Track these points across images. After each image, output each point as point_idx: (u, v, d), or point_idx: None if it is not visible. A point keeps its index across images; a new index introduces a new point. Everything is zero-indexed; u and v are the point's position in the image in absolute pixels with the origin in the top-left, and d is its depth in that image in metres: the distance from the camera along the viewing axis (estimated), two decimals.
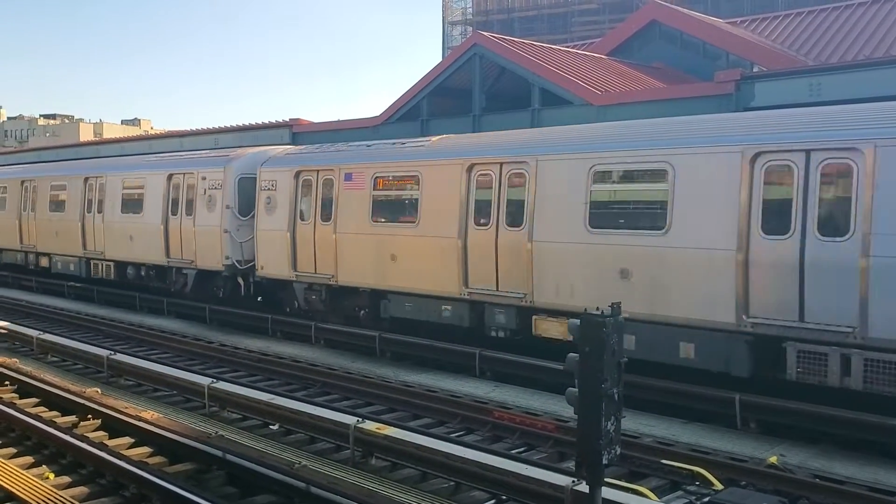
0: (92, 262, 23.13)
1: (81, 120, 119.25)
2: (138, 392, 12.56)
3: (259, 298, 19.06)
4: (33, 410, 11.05)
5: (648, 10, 27.23)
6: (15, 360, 13.97)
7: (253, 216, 18.19)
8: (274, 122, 27.76)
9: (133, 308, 21.31)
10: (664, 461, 8.99)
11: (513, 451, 9.65)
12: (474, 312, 13.97)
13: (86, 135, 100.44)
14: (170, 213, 20.13)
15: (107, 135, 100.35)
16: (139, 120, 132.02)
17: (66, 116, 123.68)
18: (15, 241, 26.74)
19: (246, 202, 18.52)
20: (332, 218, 16.30)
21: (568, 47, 28.71)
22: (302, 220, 17.07)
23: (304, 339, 16.66)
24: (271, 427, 10.51)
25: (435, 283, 14.30)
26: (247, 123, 28.74)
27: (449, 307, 14.17)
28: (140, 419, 10.00)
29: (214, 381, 11.64)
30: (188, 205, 19.64)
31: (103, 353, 13.85)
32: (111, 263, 22.31)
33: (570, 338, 6.61)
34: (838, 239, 9.89)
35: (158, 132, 56.87)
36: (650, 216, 11.78)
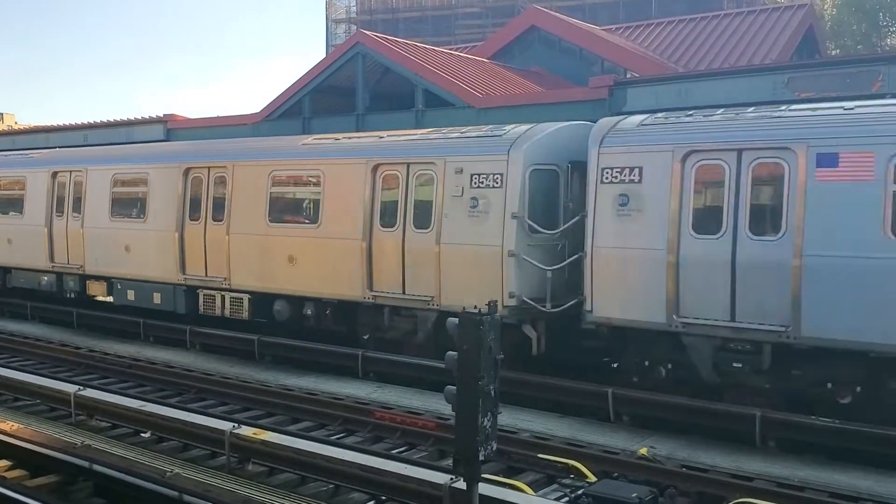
0: None
1: None
2: None
3: None
4: None
5: (528, 15, 27.85)
6: None
7: None
8: (149, 117, 26.75)
9: None
10: (540, 455, 9.21)
11: (393, 451, 9.66)
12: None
13: None
14: None
15: None
16: (2, 114, 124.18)
17: None
18: None
19: None
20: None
21: (452, 50, 29.00)
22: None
23: (178, 344, 16.13)
24: (143, 435, 10.13)
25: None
26: (119, 119, 27.61)
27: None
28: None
29: (81, 388, 11.11)
30: None
31: None
32: None
33: None
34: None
35: (23, 127, 53.74)
36: None
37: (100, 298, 18.20)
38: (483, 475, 7.00)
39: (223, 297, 15.48)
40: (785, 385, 10.19)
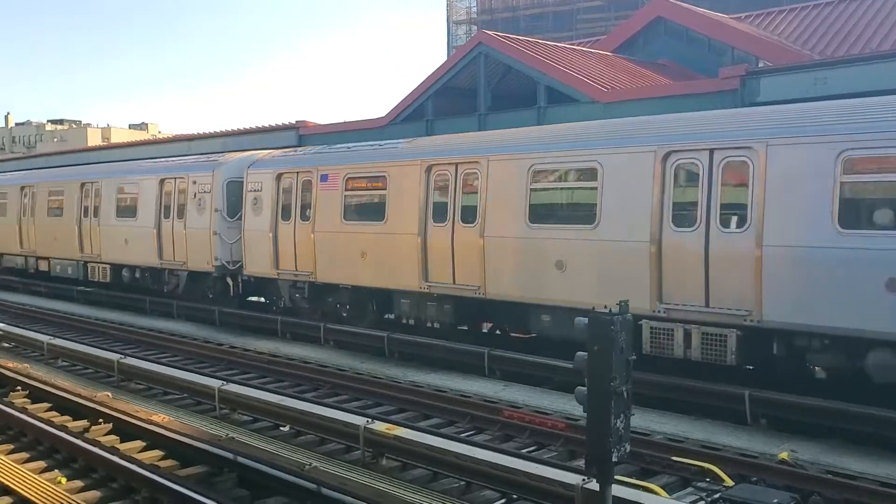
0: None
1: (89, 125, 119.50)
2: (149, 396, 12.62)
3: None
4: (45, 415, 11.10)
5: (654, 6, 27.16)
6: (26, 365, 14.05)
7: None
8: (281, 124, 27.80)
9: (143, 311, 21.40)
10: (675, 458, 8.97)
11: (523, 451, 9.65)
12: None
13: (93, 139, 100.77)
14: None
15: (114, 139, 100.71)
16: (146, 124, 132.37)
17: (74, 121, 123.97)
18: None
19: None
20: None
21: (573, 45, 28.66)
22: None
23: (313, 341, 16.70)
24: (282, 429, 10.55)
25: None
26: (254, 126, 28.83)
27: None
28: (151, 423, 10.04)
29: (225, 383, 11.68)
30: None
31: (113, 356, 13.91)
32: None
33: None
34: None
35: (166, 136, 57.03)
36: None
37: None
38: (615, 477, 6.89)
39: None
40: None
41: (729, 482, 8.22)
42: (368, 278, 15.81)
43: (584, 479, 7.16)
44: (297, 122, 27.10)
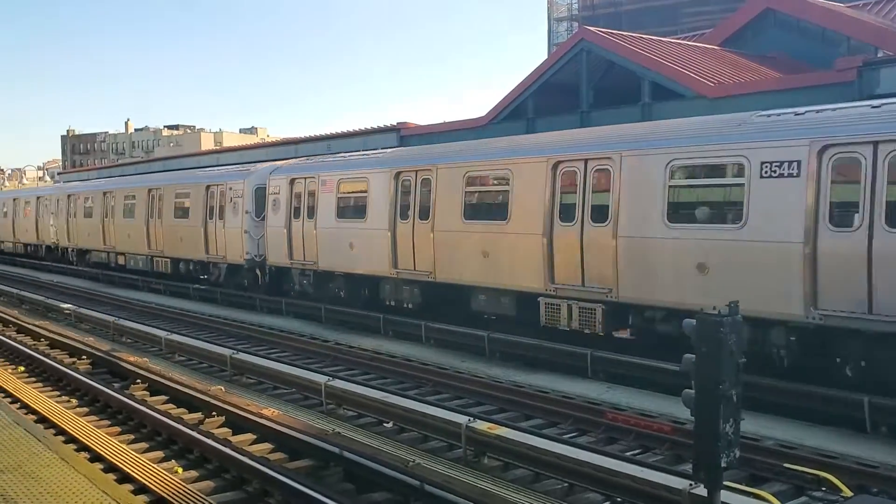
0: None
1: (202, 130, 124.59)
2: (259, 390, 13.04)
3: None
4: (163, 407, 11.65)
5: None
6: (145, 359, 14.76)
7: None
8: (382, 126, 28.27)
9: (253, 309, 22.15)
10: (787, 465, 8.63)
11: (627, 454, 9.49)
12: None
13: (206, 144, 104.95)
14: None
15: (226, 143, 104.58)
16: (255, 128, 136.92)
17: (188, 127, 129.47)
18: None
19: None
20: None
21: (678, 39, 27.95)
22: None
23: (414, 339, 16.90)
24: (385, 425, 10.71)
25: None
26: (357, 129, 29.40)
27: None
28: (261, 416, 10.37)
29: (331, 379, 11.95)
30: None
31: (226, 352, 14.44)
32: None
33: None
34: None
35: (274, 139, 58.78)
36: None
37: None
38: (724, 482, 6.69)
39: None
40: None
41: (847, 492, 7.86)
42: (360, 267, 18.88)
43: (691, 484, 6.99)
44: (398, 123, 27.49)
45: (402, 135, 26.67)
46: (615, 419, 10.61)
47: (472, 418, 9.52)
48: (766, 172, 11.06)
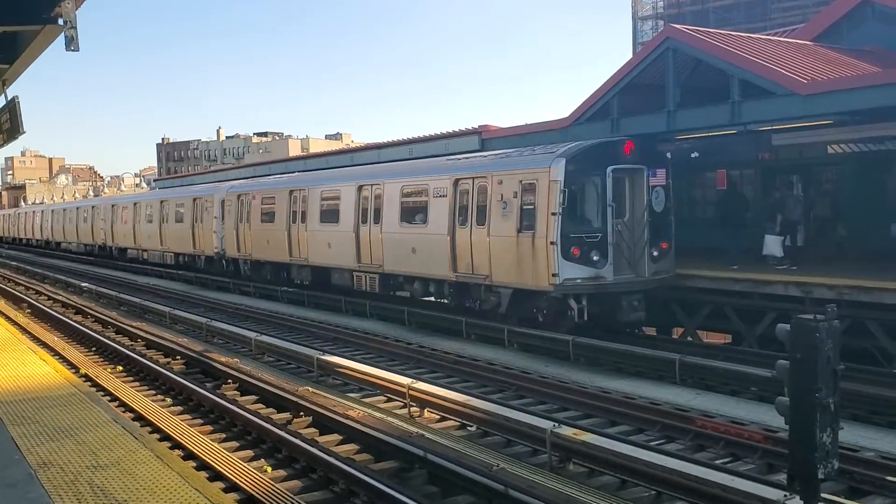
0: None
1: (290, 136, 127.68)
2: (345, 391, 13.22)
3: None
4: (252, 407, 11.93)
5: None
6: (236, 360, 15.16)
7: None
8: (464, 129, 28.26)
9: (339, 311, 22.51)
10: (890, 478, 8.23)
11: (717, 462, 9.22)
12: None
13: (294, 150, 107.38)
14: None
15: (312, 149, 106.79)
16: (341, 134, 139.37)
17: (277, 133, 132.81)
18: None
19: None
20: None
21: (768, 35, 27.08)
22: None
23: (496, 342, 16.85)
24: (468, 429, 10.70)
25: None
26: (438, 133, 29.50)
27: None
28: (347, 417, 10.51)
29: (414, 381, 12.02)
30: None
31: (313, 353, 14.71)
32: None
33: None
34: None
35: (358, 145, 59.73)
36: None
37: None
38: (822, 495, 6.41)
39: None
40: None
41: None
42: (269, 256, 27.31)
43: (785, 495, 6.74)
44: (479, 126, 27.41)
45: (484, 137, 26.57)
46: (704, 426, 10.33)
47: (557, 423, 9.43)
48: (435, 194, 19.03)
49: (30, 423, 7.39)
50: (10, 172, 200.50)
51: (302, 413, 11.35)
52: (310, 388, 12.59)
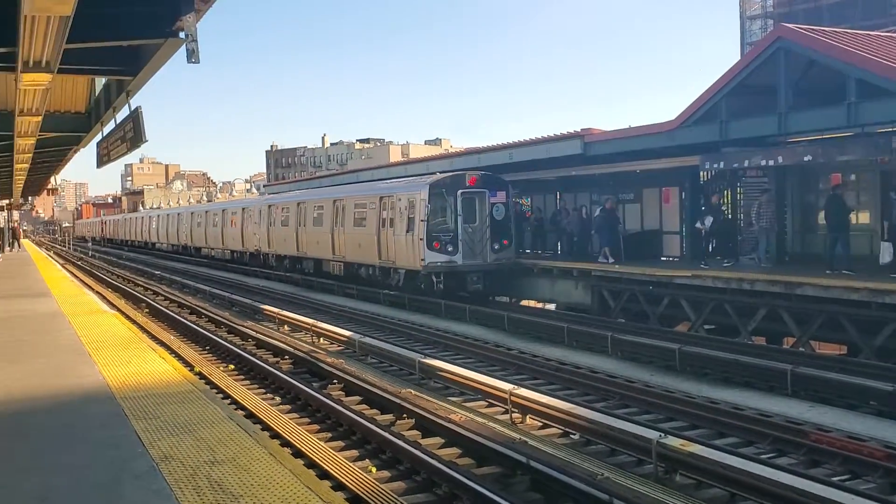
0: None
1: (391, 142, 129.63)
2: (446, 394, 13.29)
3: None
4: (357, 408, 12.14)
5: None
6: (341, 360, 15.47)
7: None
8: (566, 133, 27.98)
9: (438, 314, 22.68)
10: None
11: (833, 479, 8.80)
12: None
13: (395, 156, 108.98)
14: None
15: (412, 155, 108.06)
16: (440, 139, 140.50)
17: (378, 140, 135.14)
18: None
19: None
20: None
21: (888, 32, 25.73)
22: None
23: (599, 350, 16.62)
24: (571, 437, 10.57)
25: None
26: (538, 137, 29.27)
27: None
28: (450, 421, 10.56)
29: (516, 387, 11.97)
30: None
31: (415, 356, 14.85)
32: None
33: None
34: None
35: (456, 150, 60.06)
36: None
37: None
38: None
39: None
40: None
41: None
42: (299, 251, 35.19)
43: None
44: (581, 130, 27.08)
45: (587, 141, 26.22)
46: (819, 440, 9.88)
47: (663, 434, 9.21)
48: (372, 206, 27.57)
49: (151, 418, 7.73)
50: (130, 178, 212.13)
51: (405, 415, 11.47)
52: (412, 391, 12.72)
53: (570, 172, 27.10)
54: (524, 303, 26.77)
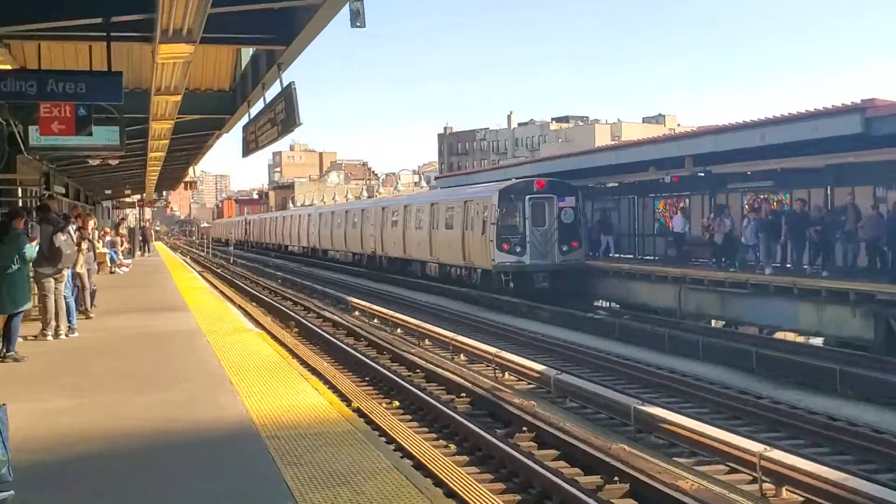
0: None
1: (597, 121, 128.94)
2: (670, 453, 12.93)
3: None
4: (553, 464, 12.04)
5: None
6: (532, 402, 15.44)
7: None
8: (839, 106, 26.45)
9: (660, 348, 22.22)
10: None
11: None
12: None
13: (602, 137, 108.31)
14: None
15: (626, 136, 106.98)
16: (663, 116, 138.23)
17: (580, 118, 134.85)
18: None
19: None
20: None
21: None
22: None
23: (887, 402, 15.69)
24: None
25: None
26: (800, 112, 27.89)
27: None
28: (677, 489, 10.24)
29: (767, 448, 11.46)
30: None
31: (629, 402, 14.59)
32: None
33: None
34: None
35: (686, 129, 58.68)
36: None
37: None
38: None
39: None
40: None
41: None
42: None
43: None
44: (861, 101, 25.46)
45: (868, 116, 24.56)
46: None
47: None
48: (458, 210, 38.31)
49: (303, 464, 8.00)
50: (278, 169, 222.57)
51: (616, 478, 11.26)
52: (625, 447, 12.47)
53: (846, 159, 25.47)
54: (779, 335, 25.82)
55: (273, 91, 15.71)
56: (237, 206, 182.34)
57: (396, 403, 16.34)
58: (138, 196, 57.71)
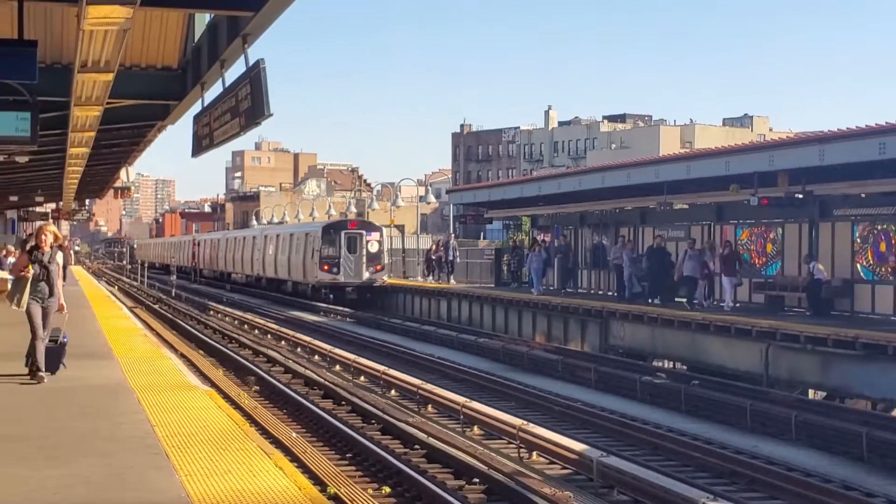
0: None
1: (663, 122, 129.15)
2: None
3: None
4: None
5: None
6: (567, 493, 15.31)
7: None
8: None
9: (740, 426, 22.15)
10: None
11: None
12: None
13: (668, 143, 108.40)
14: None
15: (700, 142, 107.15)
16: (750, 118, 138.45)
17: (641, 117, 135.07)
18: None
19: None
20: None
21: None
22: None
23: None
24: None
25: None
26: (872, 126, 27.91)
27: None
28: None
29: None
30: None
31: (697, 496, 14.49)
32: None
33: None
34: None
35: (782, 136, 58.77)
36: None
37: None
38: None
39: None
40: None
41: None
42: None
43: None
44: None
45: None
46: None
47: None
48: (299, 239, 71.11)
49: None
50: (239, 174, 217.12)
51: None
52: None
53: None
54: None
55: (235, 71, 15.67)
56: (183, 221, 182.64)
57: (387, 489, 16.23)
58: (53, 205, 57.73)
